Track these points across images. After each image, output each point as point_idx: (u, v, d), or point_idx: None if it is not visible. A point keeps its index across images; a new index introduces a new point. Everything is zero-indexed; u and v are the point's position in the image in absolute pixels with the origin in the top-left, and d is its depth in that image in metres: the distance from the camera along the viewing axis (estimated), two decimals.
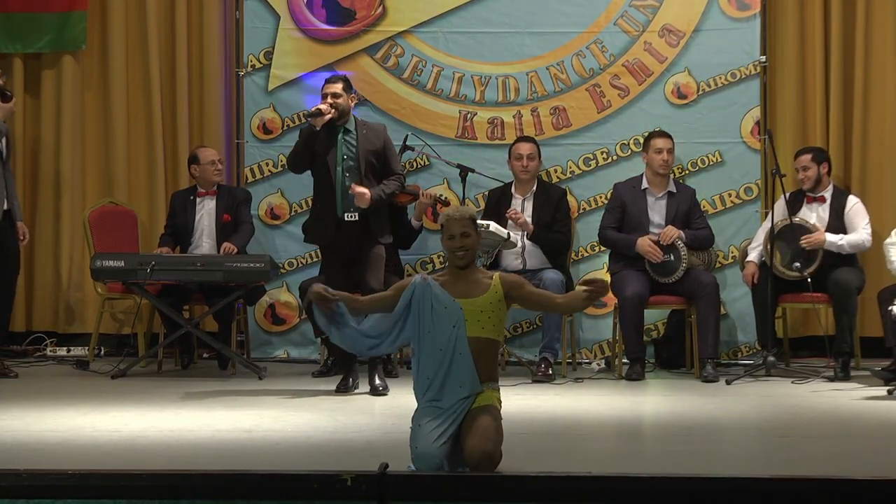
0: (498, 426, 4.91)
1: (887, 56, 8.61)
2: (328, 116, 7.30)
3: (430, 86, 8.74)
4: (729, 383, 7.61)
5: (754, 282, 7.99)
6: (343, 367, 7.45)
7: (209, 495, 4.07)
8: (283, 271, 8.54)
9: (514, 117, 8.70)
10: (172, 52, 8.98)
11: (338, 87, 7.39)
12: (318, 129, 7.29)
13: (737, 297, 8.45)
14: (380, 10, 8.78)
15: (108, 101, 9.05)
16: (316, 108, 7.31)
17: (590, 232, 8.52)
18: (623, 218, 8.17)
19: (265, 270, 7.73)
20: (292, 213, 8.74)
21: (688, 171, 8.57)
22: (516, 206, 8.26)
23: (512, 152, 8.32)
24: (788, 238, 7.89)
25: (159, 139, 8.96)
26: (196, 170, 8.43)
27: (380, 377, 7.26)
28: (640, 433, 6.36)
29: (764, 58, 8.58)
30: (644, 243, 7.97)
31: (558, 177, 8.64)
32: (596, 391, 7.54)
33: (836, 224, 8.00)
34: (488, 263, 7.84)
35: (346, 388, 7.32)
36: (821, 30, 8.61)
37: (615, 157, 8.64)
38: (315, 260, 8.52)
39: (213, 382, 7.74)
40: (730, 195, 8.56)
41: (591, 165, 8.67)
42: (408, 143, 8.50)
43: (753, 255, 8.06)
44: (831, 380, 7.66)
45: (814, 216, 8.07)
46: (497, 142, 8.68)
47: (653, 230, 8.08)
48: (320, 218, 7.45)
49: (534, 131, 8.61)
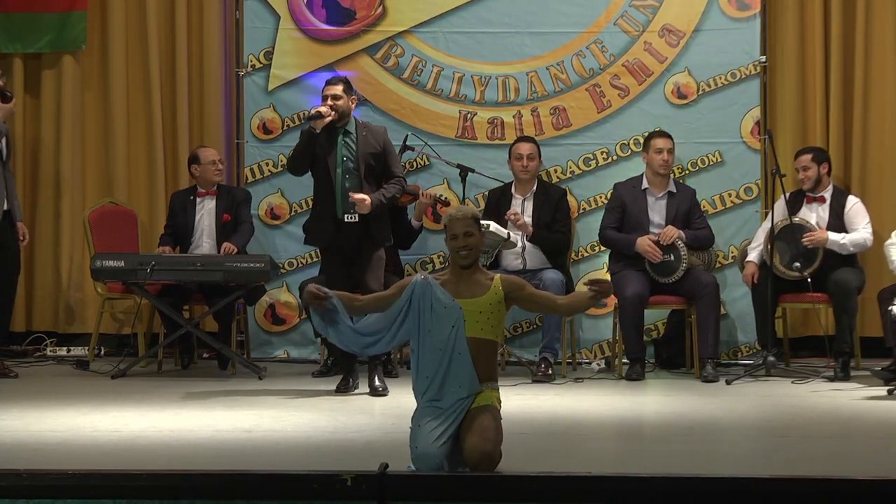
0: (497, 426, 4.91)
1: (887, 56, 8.61)
2: (328, 119, 7.29)
3: (430, 86, 8.74)
4: (729, 383, 7.61)
5: (754, 282, 7.99)
6: (343, 367, 7.46)
7: (209, 495, 4.07)
8: (283, 271, 8.54)
9: (514, 117, 8.70)
10: (172, 52, 8.98)
11: (338, 89, 7.38)
12: (317, 131, 7.29)
13: (737, 297, 8.45)
14: (380, 10, 8.78)
15: (108, 101, 9.05)
16: (316, 111, 7.30)
17: (590, 232, 8.53)
18: (623, 218, 8.17)
19: (265, 270, 7.73)
20: (292, 213, 8.74)
21: (688, 171, 8.57)
22: (516, 206, 8.26)
23: (512, 152, 8.32)
24: (788, 238, 7.89)
25: (159, 139, 8.96)
26: (197, 170, 8.44)
27: (379, 378, 7.25)
28: (640, 433, 6.36)
29: (764, 58, 8.58)
30: (644, 243, 7.97)
31: (558, 177, 8.64)
32: (596, 391, 7.54)
33: (836, 224, 8.00)
34: (488, 263, 7.85)
35: (346, 388, 7.32)
36: (821, 30, 8.61)
37: (615, 157, 8.64)
38: (315, 260, 8.52)
39: (213, 382, 7.74)
40: (730, 195, 8.56)
41: (591, 165, 8.67)
42: (408, 143, 8.50)
43: (753, 255, 8.06)
44: (831, 380, 7.66)
45: (814, 216, 8.07)
46: (497, 142, 8.68)
47: (653, 230, 8.08)
48: (320, 219, 7.45)
49: (534, 131, 8.61)
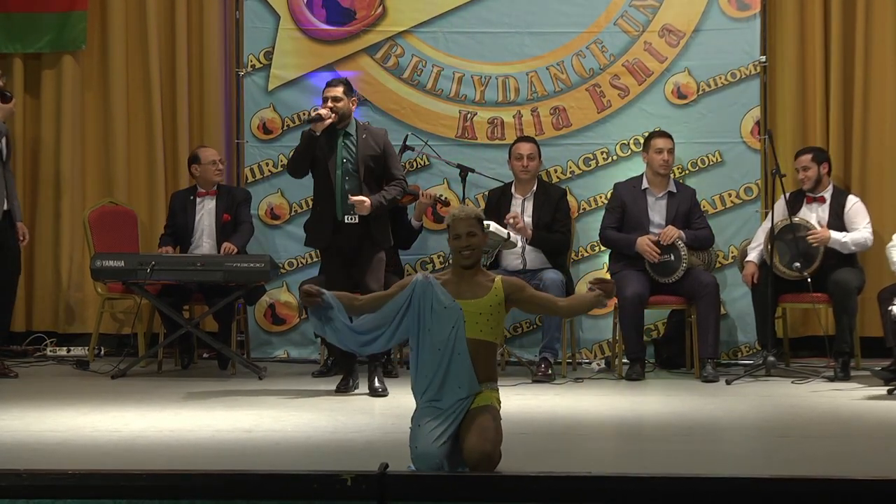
0: (497, 426, 4.91)
1: (887, 56, 8.61)
2: (328, 121, 7.29)
3: (430, 86, 8.74)
4: (729, 383, 7.61)
5: (754, 281, 7.99)
6: (343, 367, 7.45)
7: (209, 495, 4.07)
8: (283, 271, 8.54)
9: (514, 117, 8.69)
10: (172, 52, 8.98)
11: (338, 91, 7.37)
12: (317, 134, 7.29)
13: (737, 297, 8.45)
14: (380, 10, 8.78)
15: (108, 101, 9.05)
16: (316, 113, 7.29)
17: (590, 232, 8.53)
18: (623, 218, 8.17)
19: (265, 270, 7.73)
20: (292, 213, 8.74)
21: (688, 171, 8.57)
22: (516, 206, 8.26)
23: (512, 152, 8.32)
24: (788, 238, 7.89)
25: (159, 139, 8.96)
26: (197, 169, 8.43)
27: (379, 379, 7.25)
28: (640, 433, 6.36)
29: (764, 58, 8.58)
30: (643, 243, 7.97)
31: (558, 177, 8.64)
32: (596, 391, 7.54)
33: (836, 224, 8.00)
34: (488, 263, 7.84)
35: (346, 388, 7.32)
36: (821, 30, 8.61)
37: (615, 157, 8.64)
38: (315, 260, 8.52)
39: (213, 382, 7.74)
40: (730, 195, 8.56)
41: (591, 165, 8.67)
42: (408, 143, 8.50)
43: (753, 255, 8.06)
44: (831, 380, 7.66)
45: (814, 216, 8.06)
46: (497, 142, 8.68)
47: (653, 230, 8.08)
48: (319, 220, 7.44)
49: (534, 131, 8.61)
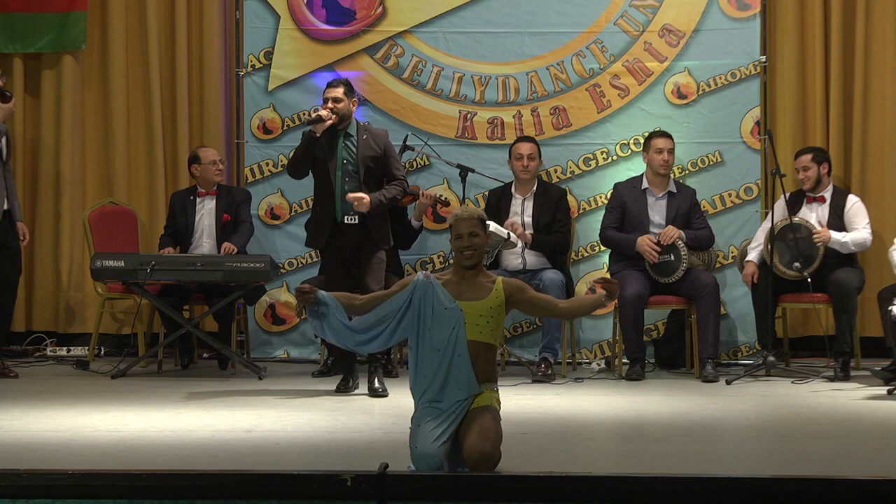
0: (497, 426, 4.91)
1: (887, 56, 8.61)
2: (329, 122, 7.28)
3: (430, 86, 8.74)
4: (729, 383, 7.61)
5: (754, 281, 7.99)
6: (343, 367, 7.45)
7: (209, 495, 4.07)
8: (283, 271, 8.54)
9: (514, 117, 8.69)
10: (172, 52, 8.98)
11: (339, 92, 7.37)
12: (318, 135, 7.28)
13: (737, 297, 8.46)
14: (380, 10, 8.78)
15: (108, 101, 9.05)
16: (316, 115, 7.29)
17: (590, 232, 8.53)
18: (623, 218, 8.17)
19: (265, 270, 7.73)
20: (292, 213, 8.74)
21: (688, 171, 8.57)
22: (516, 205, 8.26)
23: (512, 152, 8.32)
24: (788, 238, 7.89)
25: (159, 139, 8.96)
26: (197, 169, 8.43)
27: (379, 380, 7.24)
28: (640, 433, 6.35)
29: (764, 58, 8.58)
30: (643, 242, 7.97)
31: (558, 177, 8.64)
32: (596, 391, 7.54)
33: (836, 224, 8.00)
34: (488, 263, 7.84)
35: (346, 388, 7.31)
36: (821, 30, 8.61)
37: (615, 157, 8.65)
38: (315, 260, 8.52)
39: (213, 382, 7.74)
40: (730, 195, 8.56)
41: (591, 165, 8.67)
42: (408, 143, 8.50)
43: (753, 255, 8.06)
44: (831, 380, 7.66)
45: (814, 216, 8.06)
46: (497, 142, 8.68)
47: (653, 230, 8.08)
48: (319, 221, 7.44)
49: (534, 131, 8.61)
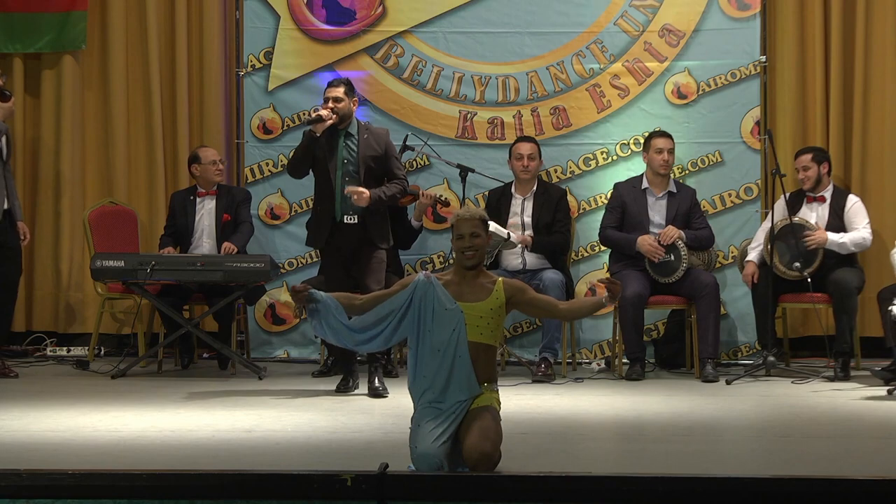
0: (497, 427, 4.91)
1: (887, 56, 8.61)
2: (329, 122, 7.28)
3: (430, 86, 8.74)
4: (729, 383, 7.61)
5: (754, 281, 7.98)
6: (343, 367, 7.45)
7: (209, 495, 4.07)
8: (283, 271, 8.54)
9: (514, 117, 8.69)
10: (172, 52, 8.98)
11: (339, 92, 7.36)
12: (318, 135, 7.28)
13: (737, 297, 8.46)
14: (380, 10, 8.78)
15: (108, 101, 9.05)
16: (316, 114, 7.29)
17: (590, 232, 8.53)
18: (623, 218, 8.17)
19: (265, 270, 7.73)
20: (292, 213, 8.74)
21: (688, 171, 8.57)
22: (516, 206, 8.26)
23: (512, 152, 8.32)
24: (788, 238, 7.89)
25: (159, 139, 8.96)
26: (197, 169, 8.43)
27: (379, 379, 7.24)
28: (640, 433, 6.35)
29: (764, 58, 8.58)
30: (645, 241, 7.97)
31: (558, 177, 8.64)
32: (596, 391, 7.53)
33: (836, 223, 8.00)
34: (488, 263, 7.84)
35: (346, 388, 7.31)
36: (821, 30, 8.61)
37: (615, 157, 8.65)
38: (315, 260, 8.52)
39: (213, 382, 7.74)
40: (730, 195, 8.56)
41: (591, 165, 8.67)
42: (408, 143, 8.50)
43: (753, 255, 8.05)
44: (831, 380, 7.66)
45: (814, 216, 8.06)
46: (497, 142, 8.68)
47: (653, 230, 8.08)
48: (319, 221, 7.44)
49: (534, 131, 8.61)
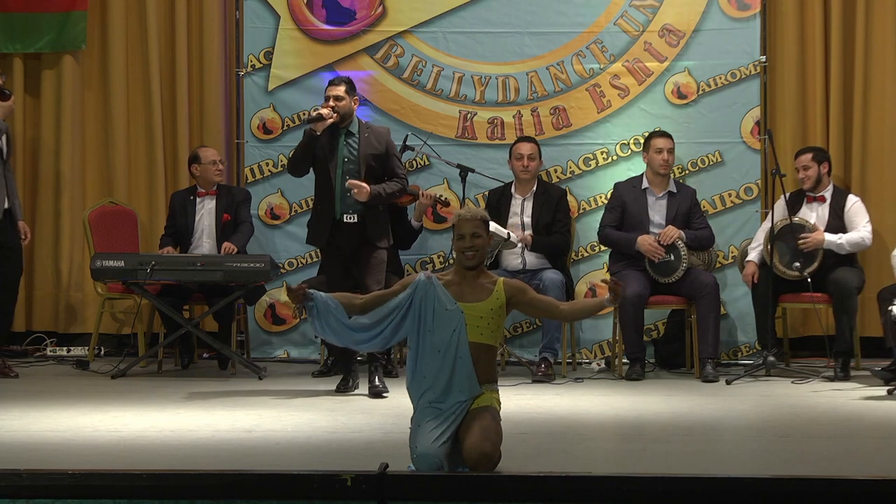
0: (497, 427, 4.91)
1: (887, 56, 8.61)
2: (329, 121, 7.28)
3: (430, 86, 8.74)
4: (729, 383, 7.61)
5: (754, 281, 7.98)
6: (343, 367, 7.45)
7: (209, 495, 4.07)
8: (283, 271, 8.53)
9: (514, 117, 8.69)
10: (172, 52, 8.98)
11: (340, 90, 7.36)
12: (318, 133, 7.28)
13: (737, 297, 8.45)
14: (380, 10, 8.78)
15: (108, 101, 9.05)
16: (317, 113, 7.28)
17: (590, 232, 8.53)
18: (623, 217, 8.17)
19: (265, 270, 7.73)
20: (292, 213, 8.74)
21: (688, 171, 8.57)
22: (516, 206, 8.26)
23: (512, 152, 8.32)
24: (788, 238, 7.89)
25: (159, 139, 8.96)
26: (197, 169, 8.43)
27: (379, 379, 7.24)
28: (640, 433, 6.35)
29: (764, 58, 8.58)
30: (645, 241, 7.97)
31: (558, 177, 8.64)
32: (596, 391, 7.53)
33: (837, 223, 8.00)
34: (488, 263, 7.84)
35: (346, 388, 7.31)
36: (821, 30, 8.61)
37: (615, 157, 8.64)
38: (315, 260, 8.52)
39: (213, 382, 7.74)
40: (730, 195, 8.56)
41: (591, 165, 8.67)
42: (408, 143, 8.50)
43: (753, 255, 8.05)
44: (831, 380, 7.66)
45: (814, 216, 8.06)
46: (497, 142, 8.68)
47: (653, 230, 8.08)
48: (319, 220, 7.44)
49: (534, 131, 8.61)
